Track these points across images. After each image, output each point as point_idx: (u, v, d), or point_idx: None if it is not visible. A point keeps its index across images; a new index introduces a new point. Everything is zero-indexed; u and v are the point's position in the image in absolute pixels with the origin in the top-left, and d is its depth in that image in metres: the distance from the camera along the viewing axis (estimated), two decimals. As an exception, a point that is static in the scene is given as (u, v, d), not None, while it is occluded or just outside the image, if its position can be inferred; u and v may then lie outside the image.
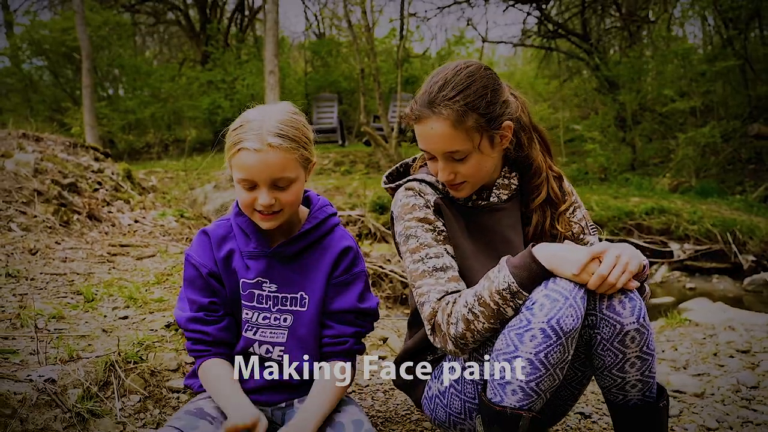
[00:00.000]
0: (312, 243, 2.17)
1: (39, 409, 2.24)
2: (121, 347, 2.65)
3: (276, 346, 2.14)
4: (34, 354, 2.55)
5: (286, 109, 2.07)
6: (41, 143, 6.89)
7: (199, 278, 2.13)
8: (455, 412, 2.13)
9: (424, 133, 2.01)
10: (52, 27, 20.11)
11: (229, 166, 2.05)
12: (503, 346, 1.83)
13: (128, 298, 3.33)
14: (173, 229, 5.66)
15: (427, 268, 2.03)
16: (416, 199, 2.12)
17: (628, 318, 1.80)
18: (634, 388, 1.91)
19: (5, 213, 4.83)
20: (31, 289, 3.37)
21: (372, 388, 2.95)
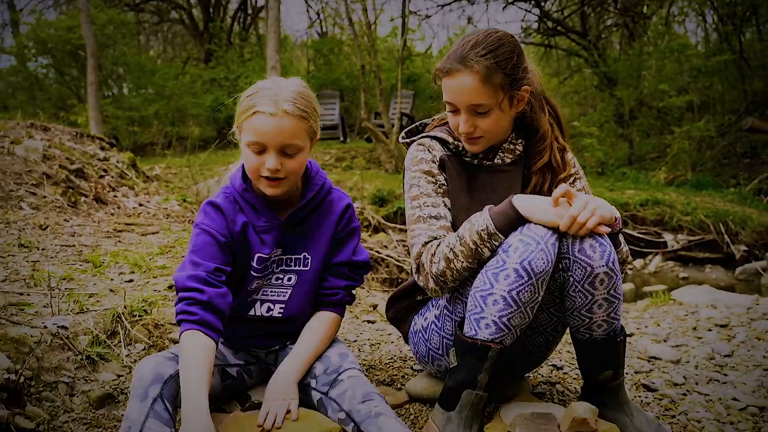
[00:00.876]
0: (315, 208, 2.31)
1: (53, 350, 2.46)
2: (126, 302, 2.87)
3: (277, 304, 2.28)
4: (47, 307, 2.77)
5: (299, 83, 2.18)
6: (49, 132, 7.12)
7: (213, 244, 2.15)
8: (434, 348, 2.31)
9: (453, 86, 2.15)
10: (57, 26, 20.24)
11: (239, 130, 2.15)
12: (480, 284, 2.01)
13: (133, 264, 3.55)
14: (176, 212, 5.87)
15: (423, 215, 2.21)
16: (424, 154, 2.28)
17: (598, 261, 1.95)
18: (600, 328, 2.08)
19: (16, 193, 5.06)
20: (43, 257, 3.60)
21: (359, 342, 3.15)
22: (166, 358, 2.04)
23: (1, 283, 3.03)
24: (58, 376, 2.36)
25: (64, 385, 2.33)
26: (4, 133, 6.48)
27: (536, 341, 2.30)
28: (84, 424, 2.19)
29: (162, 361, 2.01)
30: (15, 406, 2.13)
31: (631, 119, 14.47)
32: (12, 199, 4.95)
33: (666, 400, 2.64)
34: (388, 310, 2.54)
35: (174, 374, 1.99)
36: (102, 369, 2.51)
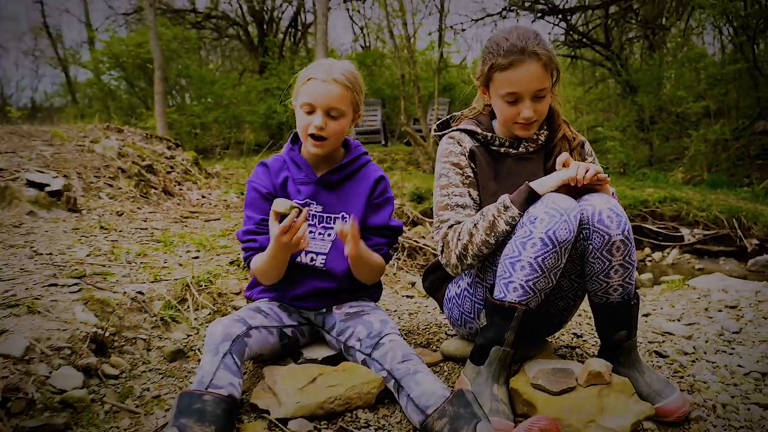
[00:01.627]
0: (351, 173, 2.44)
1: (132, 312, 2.58)
2: (194, 274, 3.00)
3: (319, 255, 2.39)
4: (126, 276, 2.91)
5: (349, 63, 2.37)
6: (122, 134, 7.32)
7: (258, 199, 2.38)
8: (467, 311, 2.38)
9: (520, 75, 2.16)
10: (128, 42, 20.59)
11: (295, 96, 2.34)
12: (510, 251, 2.07)
13: (198, 244, 3.67)
14: (234, 203, 6.01)
15: (450, 203, 2.27)
16: (454, 147, 2.34)
17: (615, 230, 2.02)
18: (616, 292, 2.13)
19: (96, 185, 5.24)
20: (120, 237, 3.74)
21: (399, 312, 3.23)
22: (234, 320, 2.18)
23: (86, 257, 3.17)
24: (137, 333, 2.48)
25: (142, 341, 2.45)
26: (85, 134, 6.69)
27: (558, 305, 2.35)
28: (159, 374, 2.29)
29: (230, 323, 2.14)
30: (102, 355, 2.25)
31: (651, 124, 14.31)
32: (92, 189, 5.13)
33: (676, 365, 2.66)
34: (424, 280, 2.61)
35: (241, 333, 2.12)
36: (174, 329, 2.62)
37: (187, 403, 1.84)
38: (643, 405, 2.06)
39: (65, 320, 2.30)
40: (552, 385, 2.07)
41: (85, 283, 2.69)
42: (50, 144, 5.98)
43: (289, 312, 2.43)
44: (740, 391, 2.41)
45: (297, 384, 2.09)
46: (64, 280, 2.68)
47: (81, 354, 2.15)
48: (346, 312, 2.40)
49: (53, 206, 4.34)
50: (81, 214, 4.43)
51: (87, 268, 2.93)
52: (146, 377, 2.25)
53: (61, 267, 2.90)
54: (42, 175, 4.66)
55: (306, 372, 2.17)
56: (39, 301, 2.38)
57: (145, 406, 2.07)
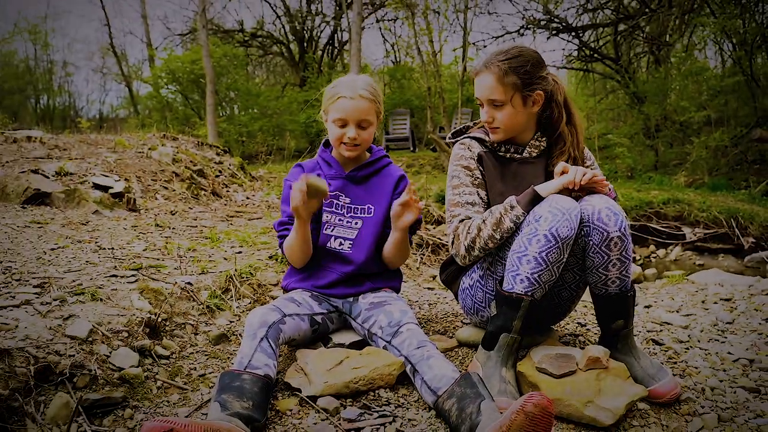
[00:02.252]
0: (375, 171, 2.54)
1: (181, 300, 2.64)
2: (237, 267, 3.05)
3: (346, 241, 2.46)
4: (178, 269, 2.96)
5: (368, 77, 2.45)
6: (177, 141, 7.43)
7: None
8: (479, 301, 2.39)
9: (478, 83, 2.29)
10: (183, 59, 20.80)
11: (325, 113, 2.43)
12: (517, 247, 2.08)
13: (242, 240, 3.73)
14: (275, 203, 6.06)
15: (461, 201, 2.30)
16: (464, 152, 2.38)
17: (613, 227, 2.03)
18: (614, 284, 2.13)
19: (153, 187, 5.34)
20: (173, 234, 3.82)
21: (420, 302, 3.24)
22: (270, 309, 2.21)
23: (142, 252, 3.25)
24: (186, 319, 2.53)
25: (190, 326, 2.50)
26: (144, 142, 6.81)
27: (563, 296, 2.35)
28: (205, 355, 2.34)
29: (267, 312, 2.18)
30: (155, 338, 2.31)
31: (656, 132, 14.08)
32: (149, 191, 5.22)
33: (671, 352, 2.64)
34: (441, 273, 2.62)
35: (276, 321, 2.15)
36: (218, 316, 2.67)
37: (228, 381, 1.88)
38: (637, 387, 2.06)
39: (123, 307, 2.36)
40: (554, 369, 2.07)
41: (141, 274, 2.76)
42: (114, 151, 6.11)
43: (320, 301, 2.46)
44: (728, 375, 2.39)
45: (326, 366, 2.13)
46: (123, 272, 2.75)
47: (137, 336, 2.21)
48: (371, 302, 2.43)
49: (115, 206, 4.43)
50: (139, 213, 4.53)
51: (143, 261, 3.00)
52: (193, 358, 2.31)
53: (121, 260, 2.98)
54: (106, 179, 4.76)
55: (334, 355, 2.20)
56: (101, 290, 2.45)
57: (192, 383, 2.12)
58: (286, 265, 3.25)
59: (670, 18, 14.30)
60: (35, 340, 1.94)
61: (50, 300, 2.27)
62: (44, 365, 1.85)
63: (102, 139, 6.71)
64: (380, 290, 2.53)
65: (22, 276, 2.50)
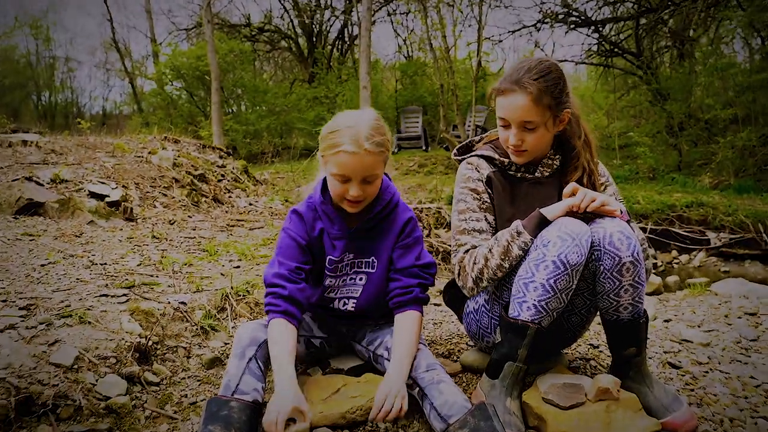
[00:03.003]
0: (382, 220, 2.31)
1: (174, 321, 2.63)
2: (233, 284, 3.03)
3: (350, 300, 2.34)
4: (171, 287, 2.96)
5: (373, 117, 2.16)
6: (178, 144, 7.45)
7: (294, 248, 2.23)
8: (484, 326, 2.36)
9: (507, 104, 2.15)
10: (188, 55, 20.88)
11: (324, 161, 2.16)
12: (523, 273, 2.05)
13: (241, 254, 3.72)
14: (279, 210, 6.07)
15: (468, 227, 2.25)
16: (471, 173, 2.31)
17: (625, 252, 1.98)
18: (626, 310, 2.09)
19: (152, 194, 5.36)
20: (170, 246, 3.81)
21: (425, 321, 3.20)
22: (261, 325, 2.16)
23: (136, 267, 3.24)
24: (178, 342, 2.52)
25: (183, 349, 2.49)
26: (144, 146, 6.84)
27: (572, 321, 2.31)
28: (197, 381, 2.33)
29: (257, 327, 2.13)
30: (144, 363, 2.30)
31: (680, 130, 13.96)
32: (148, 199, 5.24)
33: (688, 377, 2.59)
34: (444, 294, 2.59)
35: (267, 339, 2.10)
36: (212, 338, 2.66)
37: (215, 409, 1.86)
38: (649, 420, 2.02)
39: (112, 330, 2.35)
40: (562, 400, 2.04)
41: (134, 293, 2.75)
42: (112, 155, 6.13)
43: (320, 323, 2.42)
44: (749, 404, 2.34)
45: (321, 394, 2.11)
46: (114, 291, 2.74)
47: (125, 363, 2.20)
48: (377, 323, 2.40)
49: (112, 216, 4.44)
50: (136, 223, 4.53)
51: (137, 278, 3.00)
52: (185, 384, 2.29)
53: (113, 277, 2.98)
54: (103, 186, 4.77)
55: (330, 382, 2.18)
56: (90, 312, 2.44)
57: (182, 412, 2.11)
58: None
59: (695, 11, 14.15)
60: (17, 369, 1.94)
61: (36, 324, 2.27)
62: (26, 396, 1.85)
63: (101, 142, 6.74)
64: None
65: (9, 297, 2.50)
